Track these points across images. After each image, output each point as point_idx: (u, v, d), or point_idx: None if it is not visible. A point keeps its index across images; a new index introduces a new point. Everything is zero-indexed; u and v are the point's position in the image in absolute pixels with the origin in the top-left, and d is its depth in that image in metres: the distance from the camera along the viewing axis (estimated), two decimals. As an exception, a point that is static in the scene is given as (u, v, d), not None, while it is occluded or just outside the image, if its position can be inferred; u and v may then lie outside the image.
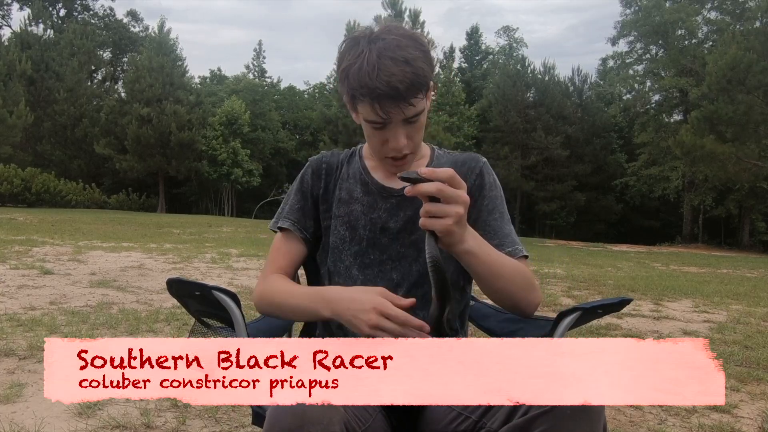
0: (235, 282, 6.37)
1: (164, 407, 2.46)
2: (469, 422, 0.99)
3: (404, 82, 1.07)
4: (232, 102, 33.24)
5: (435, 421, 1.06)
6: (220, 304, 1.18)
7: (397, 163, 1.20)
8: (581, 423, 0.86)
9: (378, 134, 1.16)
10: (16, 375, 2.79)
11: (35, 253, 8.21)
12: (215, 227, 17.65)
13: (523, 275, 1.15)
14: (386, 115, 1.11)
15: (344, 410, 0.90)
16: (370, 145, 1.23)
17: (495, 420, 0.94)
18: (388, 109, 1.10)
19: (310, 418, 0.84)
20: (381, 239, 1.23)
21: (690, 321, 5.25)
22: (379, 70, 1.07)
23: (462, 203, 0.96)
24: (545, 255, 13.91)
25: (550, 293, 6.56)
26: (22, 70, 25.97)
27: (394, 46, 1.09)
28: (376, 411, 1.03)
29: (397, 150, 1.16)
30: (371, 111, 1.12)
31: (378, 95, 1.08)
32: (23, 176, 24.49)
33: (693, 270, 11.95)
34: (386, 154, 1.19)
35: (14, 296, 4.90)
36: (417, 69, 1.09)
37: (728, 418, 2.62)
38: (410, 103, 1.11)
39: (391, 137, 1.15)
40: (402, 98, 1.09)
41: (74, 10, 40.54)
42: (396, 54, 1.08)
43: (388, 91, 1.07)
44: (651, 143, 30.33)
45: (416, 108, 1.13)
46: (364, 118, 1.15)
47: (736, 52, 20.90)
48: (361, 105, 1.13)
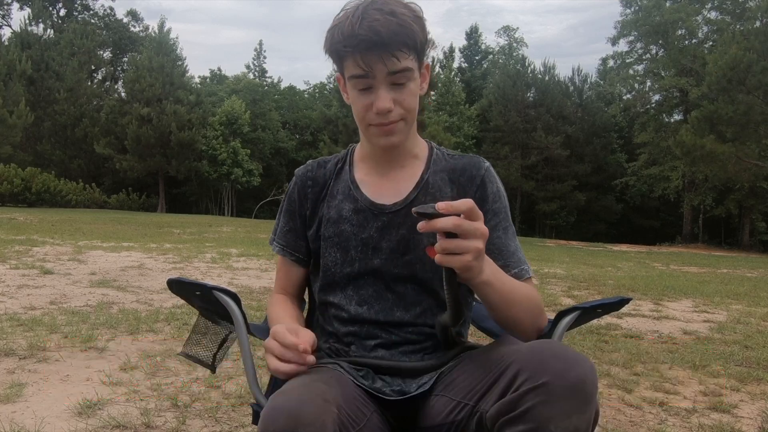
0: (235, 282, 6.37)
1: (164, 407, 2.46)
2: (467, 409, 0.98)
3: (387, 28, 1.03)
4: (232, 102, 33.26)
5: (434, 415, 1.05)
6: (221, 304, 1.19)
7: (384, 129, 1.13)
8: (572, 400, 0.83)
9: (363, 97, 1.11)
10: (16, 375, 2.79)
11: (35, 252, 8.21)
12: (215, 227, 17.65)
13: (533, 301, 1.12)
14: (368, 67, 1.06)
15: (338, 411, 0.89)
16: (356, 114, 1.16)
17: (490, 401, 0.92)
18: (370, 60, 1.05)
19: (305, 419, 0.84)
20: (373, 260, 1.19)
21: (690, 321, 5.25)
22: (362, 19, 1.04)
23: (481, 237, 0.91)
24: (545, 255, 13.91)
25: (550, 293, 6.56)
26: (22, 69, 25.97)
27: (383, 2, 1.07)
28: (371, 411, 1.03)
29: (381, 111, 1.09)
30: (354, 64, 1.07)
31: (359, 42, 1.04)
32: (23, 176, 24.48)
33: (693, 270, 11.95)
34: (371, 121, 1.13)
35: (14, 296, 4.90)
36: (403, 21, 1.06)
37: (728, 418, 2.62)
38: (394, 55, 1.05)
39: (375, 97, 1.09)
40: (384, 46, 1.04)
41: (74, 9, 40.54)
42: (383, 7, 1.06)
43: (370, 36, 1.03)
44: (651, 143, 30.34)
45: (401, 63, 1.07)
46: (349, 76, 1.10)
47: (736, 51, 20.90)
48: (345, 63, 1.10)
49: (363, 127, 1.16)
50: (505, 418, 0.87)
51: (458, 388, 1.02)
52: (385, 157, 1.22)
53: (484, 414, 0.92)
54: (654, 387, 3.04)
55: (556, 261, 11.96)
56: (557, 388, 0.83)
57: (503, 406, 0.87)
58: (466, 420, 0.98)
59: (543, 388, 0.84)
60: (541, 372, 0.85)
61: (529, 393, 0.84)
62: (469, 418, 0.97)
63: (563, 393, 0.83)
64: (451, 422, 1.00)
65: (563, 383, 0.84)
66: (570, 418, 0.83)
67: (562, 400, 0.83)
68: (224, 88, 40.37)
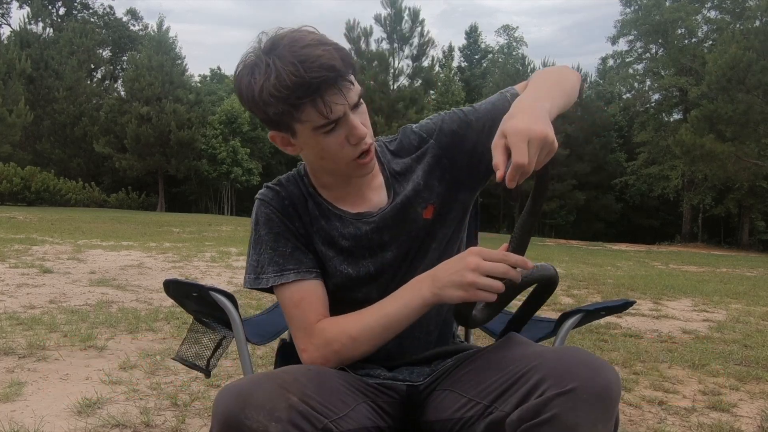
0: (235, 281, 6.37)
1: (164, 406, 2.46)
2: (479, 408, 0.96)
3: (335, 58, 0.97)
4: (231, 101, 33.22)
5: (441, 410, 1.03)
6: (218, 305, 1.18)
7: (365, 161, 1.06)
8: (598, 408, 0.83)
9: (332, 139, 1.02)
10: (15, 374, 2.79)
11: (35, 251, 8.21)
12: (215, 226, 17.64)
13: (553, 72, 1.14)
14: (332, 110, 0.98)
15: (300, 399, 0.86)
16: (328, 159, 1.06)
17: (508, 403, 0.90)
18: (332, 101, 0.97)
19: (254, 401, 0.82)
20: (385, 255, 1.15)
21: (689, 320, 5.25)
22: (301, 63, 0.95)
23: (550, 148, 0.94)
24: (545, 254, 13.92)
25: (549, 292, 6.56)
26: (21, 68, 25.95)
27: (295, 40, 0.98)
28: (357, 401, 0.98)
29: (361, 138, 1.03)
30: (316, 112, 0.98)
31: (318, 84, 0.95)
32: (23, 175, 24.46)
33: (692, 269, 11.95)
34: (351, 156, 1.05)
35: (14, 295, 4.90)
36: (335, 44, 1.00)
37: (728, 417, 2.62)
38: (350, 81, 1.00)
39: (349, 130, 1.02)
40: (342, 75, 0.97)
41: (74, 8, 40.52)
42: (305, 43, 0.97)
43: (326, 74, 0.95)
44: (650, 142, 30.35)
45: (356, 87, 1.02)
46: (312, 126, 1.00)
47: (735, 51, 20.91)
48: (301, 114, 0.99)
49: (342, 166, 1.07)
50: (528, 423, 0.85)
51: (468, 385, 1.00)
52: (354, 183, 1.15)
53: (501, 416, 0.90)
54: (653, 386, 3.04)
55: (555, 260, 11.97)
56: (584, 395, 0.82)
57: (526, 412, 0.85)
58: (476, 419, 0.96)
59: (570, 395, 0.82)
60: (568, 378, 0.83)
61: (555, 399, 0.83)
62: (479, 417, 0.95)
63: (590, 400, 0.82)
64: (459, 419, 0.99)
65: (590, 390, 0.83)
66: (596, 426, 0.83)
67: (589, 407, 0.82)
68: (224, 86, 40.34)
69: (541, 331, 1.26)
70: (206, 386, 2.74)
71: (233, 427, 0.82)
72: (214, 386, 2.75)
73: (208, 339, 1.31)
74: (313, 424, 0.85)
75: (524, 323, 1.14)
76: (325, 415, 0.88)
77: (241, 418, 0.82)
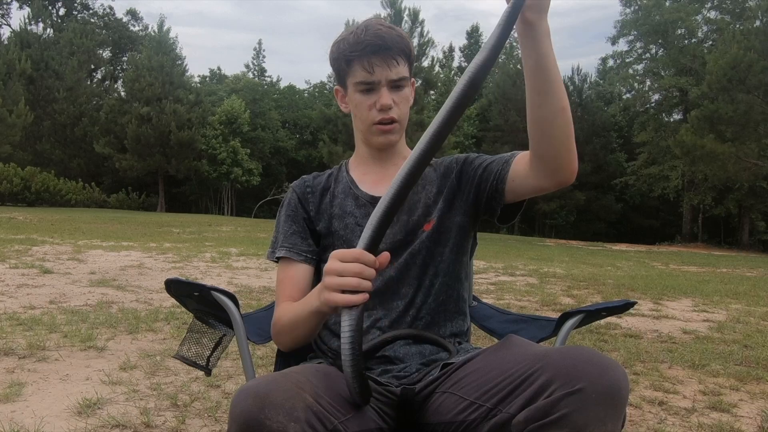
0: (235, 281, 6.37)
1: (164, 406, 2.46)
2: (482, 410, 0.95)
3: (390, 36, 1.20)
4: (231, 101, 33.24)
5: (441, 413, 1.03)
6: (219, 304, 1.18)
7: (386, 128, 1.25)
8: (607, 406, 0.83)
9: (366, 98, 1.24)
10: (15, 374, 2.79)
11: (35, 252, 8.21)
12: (215, 226, 17.64)
13: (568, 111, 1.11)
14: (373, 70, 1.20)
15: (314, 399, 0.88)
16: (359, 116, 1.27)
17: (513, 405, 0.89)
18: (375, 64, 1.20)
19: (272, 401, 0.83)
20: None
21: (690, 320, 5.25)
22: (366, 29, 1.21)
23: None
24: (545, 254, 13.91)
25: (549, 292, 6.56)
26: (21, 69, 25.96)
27: (372, 21, 1.25)
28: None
29: (384, 107, 1.22)
30: (360, 70, 1.21)
31: (365, 46, 1.19)
32: (23, 175, 24.46)
33: (693, 269, 11.95)
34: (374, 119, 1.25)
35: (14, 295, 4.90)
36: (400, 34, 1.22)
37: (728, 417, 2.62)
38: (395, 60, 1.21)
39: (379, 96, 1.23)
40: (388, 50, 1.20)
41: (74, 9, 40.51)
42: (383, 23, 1.24)
43: (375, 41, 1.19)
44: (651, 142, 30.34)
45: (400, 69, 1.23)
46: (354, 82, 1.23)
47: (736, 51, 20.90)
48: (351, 70, 1.23)
49: (365, 126, 1.27)
50: (536, 424, 0.85)
51: (470, 388, 1.00)
52: (380, 159, 1.33)
53: (506, 418, 0.90)
54: (653, 386, 3.04)
55: (555, 260, 11.96)
56: (593, 394, 0.83)
57: (534, 412, 0.85)
58: (480, 421, 0.95)
59: (578, 395, 0.83)
60: (576, 378, 0.84)
61: (564, 399, 0.83)
62: (483, 420, 0.95)
63: (599, 399, 0.83)
64: (461, 421, 0.98)
65: (599, 389, 0.83)
66: (605, 425, 0.83)
67: (598, 406, 0.83)
68: (224, 87, 40.34)
69: (542, 332, 1.26)
70: (206, 387, 2.74)
71: (253, 428, 0.82)
72: (214, 386, 2.75)
73: (208, 339, 1.31)
74: (324, 424, 0.87)
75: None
76: (334, 415, 0.90)
77: (260, 419, 0.82)
